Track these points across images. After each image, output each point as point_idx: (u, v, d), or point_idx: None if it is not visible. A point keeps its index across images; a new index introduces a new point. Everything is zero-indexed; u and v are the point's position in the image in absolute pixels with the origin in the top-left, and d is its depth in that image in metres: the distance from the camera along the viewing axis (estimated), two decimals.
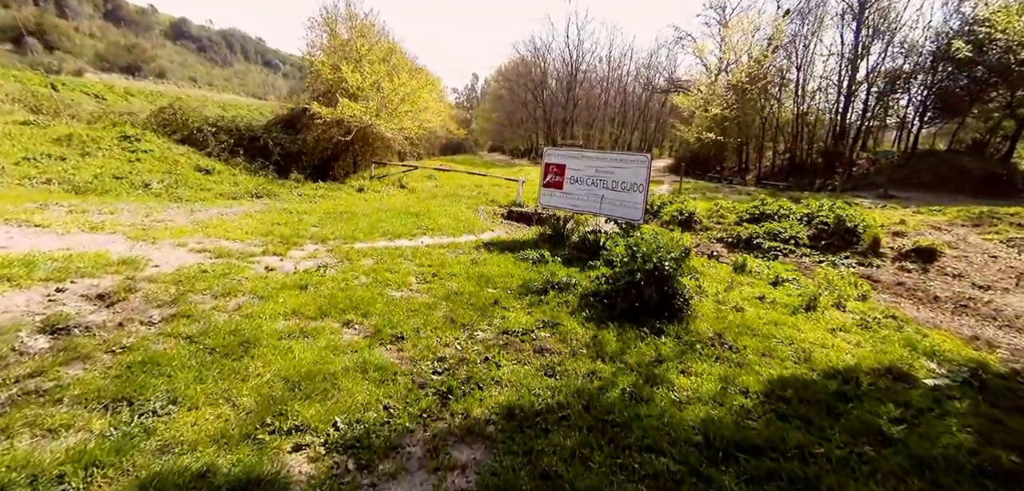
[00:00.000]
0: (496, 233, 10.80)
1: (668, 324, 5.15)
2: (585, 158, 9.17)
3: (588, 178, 9.04)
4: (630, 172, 8.42)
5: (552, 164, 9.65)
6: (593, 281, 6.18)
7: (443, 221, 11.15)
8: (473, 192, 18.32)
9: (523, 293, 6.07)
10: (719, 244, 12.63)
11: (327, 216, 10.66)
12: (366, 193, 15.57)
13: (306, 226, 9.40)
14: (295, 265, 6.64)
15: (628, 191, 8.44)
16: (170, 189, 11.48)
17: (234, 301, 4.97)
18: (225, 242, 7.46)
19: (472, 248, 8.71)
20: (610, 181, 8.70)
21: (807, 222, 12.74)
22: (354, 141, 19.29)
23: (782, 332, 5.40)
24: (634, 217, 8.34)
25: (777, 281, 7.75)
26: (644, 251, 5.44)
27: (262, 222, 9.25)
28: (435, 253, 8.09)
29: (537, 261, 7.57)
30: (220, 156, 15.76)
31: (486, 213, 13.93)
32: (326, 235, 8.61)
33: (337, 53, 19.24)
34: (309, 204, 12.38)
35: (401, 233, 9.48)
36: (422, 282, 6.45)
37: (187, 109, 16.90)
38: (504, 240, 9.59)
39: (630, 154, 8.54)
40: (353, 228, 9.41)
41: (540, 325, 5.04)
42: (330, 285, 5.77)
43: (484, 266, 7.30)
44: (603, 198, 8.60)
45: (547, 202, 9.80)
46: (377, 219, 10.64)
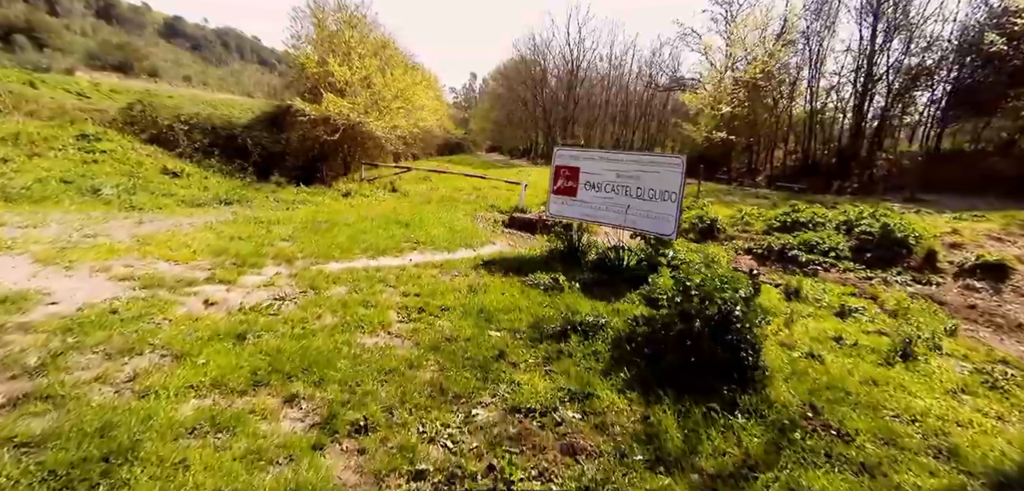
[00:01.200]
0: (497, 246, 9.37)
1: (739, 391, 3.73)
2: (604, 160, 7.74)
3: (607, 184, 7.62)
4: (660, 177, 6.99)
5: (564, 167, 8.23)
6: (628, 322, 4.75)
7: (436, 232, 9.71)
8: (471, 196, 16.89)
9: (536, 338, 4.64)
10: (747, 256, 11.23)
11: (303, 227, 9.21)
12: (353, 198, 14.11)
13: (274, 240, 7.96)
14: (243, 298, 5.20)
15: (658, 200, 7.01)
16: (125, 195, 10.03)
17: (133, 364, 3.53)
18: (163, 265, 6.01)
19: (470, 268, 7.28)
20: (635, 188, 7.28)
21: (846, 231, 11.34)
22: (343, 141, 17.83)
23: (890, 398, 3.99)
24: (665, 231, 6.92)
25: (844, 311, 6.33)
26: (703, 288, 4.02)
27: (221, 236, 7.81)
28: (425, 276, 6.65)
29: (550, 288, 6.13)
30: (192, 157, 14.31)
31: (485, 220, 12.50)
32: (294, 253, 7.16)
33: (324, 46, 17.79)
34: (285, 212, 10.93)
35: (386, 248, 8.04)
36: (405, 320, 5.02)
37: (158, 105, 15.42)
38: (508, 257, 8.16)
39: (660, 156, 7.12)
40: (329, 243, 7.96)
41: (564, 396, 3.61)
42: (281, 331, 4.33)
43: (484, 295, 5.87)
44: (629, 208, 7.17)
45: (557, 211, 8.38)
46: (360, 230, 9.20)
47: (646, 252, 7.11)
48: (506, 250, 8.93)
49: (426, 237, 9.17)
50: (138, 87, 57.17)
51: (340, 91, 16.45)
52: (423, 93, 23.57)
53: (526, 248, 9.48)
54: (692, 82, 38.85)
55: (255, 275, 6.02)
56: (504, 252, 8.54)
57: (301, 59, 17.12)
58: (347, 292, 5.66)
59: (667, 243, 7.00)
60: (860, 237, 10.86)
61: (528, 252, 8.46)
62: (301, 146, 16.85)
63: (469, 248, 8.91)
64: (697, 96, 30.19)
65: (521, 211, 13.98)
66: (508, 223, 12.81)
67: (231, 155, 15.24)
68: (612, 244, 7.43)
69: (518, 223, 12.72)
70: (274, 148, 16.63)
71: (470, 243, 9.22)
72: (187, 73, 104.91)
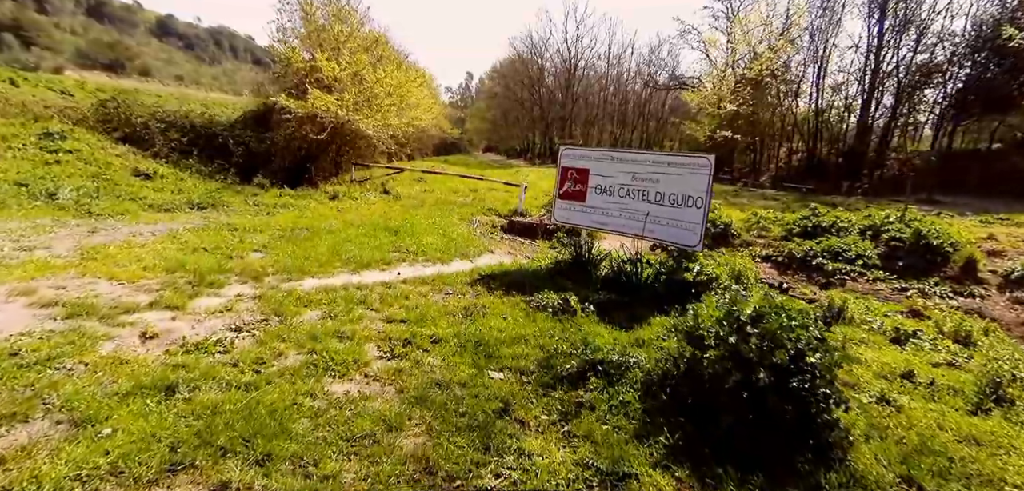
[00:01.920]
0: (496, 257, 8.47)
1: (820, 465, 2.84)
2: (617, 161, 6.85)
3: (621, 188, 6.73)
4: (683, 180, 6.11)
5: (571, 169, 7.33)
6: (661, 362, 3.86)
7: (429, 240, 8.80)
8: (467, 198, 15.98)
9: (547, 383, 3.75)
10: (766, 264, 10.39)
11: (280, 235, 8.29)
12: (341, 201, 13.17)
13: (245, 250, 7.04)
14: (190, 329, 4.28)
15: (680, 206, 6.13)
16: (84, 200, 9.06)
17: (8, 440, 2.61)
18: (103, 286, 5.08)
19: (466, 284, 6.37)
20: (652, 193, 6.39)
21: (872, 237, 10.51)
22: (332, 140, 16.86)
23: (1004, 465, 3.12)
24: (689, 242, 6.04)
25: (900, 336, 5.46)
26: (764, 325, 3.13)
27: (184, 247, 6.88)
28: (414, 295, 5.75)
29: (560, 312, 5.23)
30: (168, 157, 13.32)
31: (482, 225, 11.60)
32: (265, 267, 6.24)
33: (312, 40, 16.82)
34: (263, 217, 9.99)
35: (371, 260, 7.12)
36: (388, 355, 4.11)
37: (133, 103, 14.42)
38: (508, 270, 7.25)
39: (683, 156, 6.23)
40: (307, 254, 7.04)
41: (592, 477, 2.71)
42: (226, 379, 3.42)
43: (483, 321, 4.97)
44: (649, 215, 6.28)
45: (564, 217, 7.48)
46: (344, 239, 8.28)
47: (667, 265, 6.23)
48: (506, 261, 8.03)
49: (417, 246, 8.27)
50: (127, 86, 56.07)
51: (328, 88, 15.50)
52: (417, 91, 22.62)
53: (529, 258, 8.59)
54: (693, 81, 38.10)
55: (212, 297, 5.09)
56: (504, 264, 7.63)
57: (287, 54, 16.14)
58: (320, 319, 4.75)
59: (691, 255, 6.12)
60: (889, 244, 10.03)
61: (531, 265, 7.56)
62: (288, 146, 15.87)
63: (465, 259, 8.01)
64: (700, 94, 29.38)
65: (520, 215, 13.10)
66: (507, 228, 11.94)
67: (211, 155, 14.26)
68: (630, 258, 6.53)
69: (517, 228, 11.85)
70: (259, 148, 15.64)
71: (466, 252, 8.32)
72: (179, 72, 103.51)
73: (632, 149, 6.30)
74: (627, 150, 6.35)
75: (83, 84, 47.22)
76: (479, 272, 7.01)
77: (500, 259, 8.28)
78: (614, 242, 9.19)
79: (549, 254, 8.43)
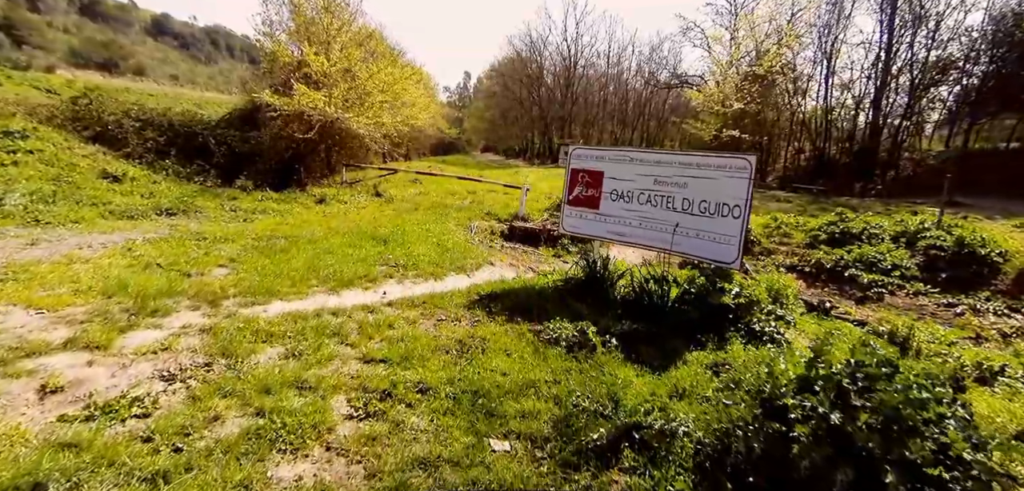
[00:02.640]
0: (497, 270, 7.53)
1: None
2: (637, 162, 5.92)
3: (642, 193, 5.81)
4: (717, 185, 5.19)
5: (582, 171, 6.41)
6: (718, 430, 2.92)
7: (421, 250, 7.87)
8: (465, 201, 15.04)
9: (570, 461, 2.81)
10: (791, 273, 9.48)
11: (253, 246, 7.35)
12: (328, 205, 12.23)
13: (208, 266, 6.10)
14: (111, 376, 3.35)
15: (713, 216, 5.21)
16: (35, 206, 8.11)
17: None
18: (16, 315, 4.13)
19: (462, 306, 5.44)
20: (679, 199, 5.47)
21: (907, 244, 9.61)
22: (322, 139, 15.91)
23: None
24: (725, 258, 5.12)
25: (985, 373, 4.54)
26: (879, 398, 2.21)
27: (136, 262, 5.94)
28: (400, 322, 4.82)
29: (576, 346, 4.30)
30: (143, 158, 12.34)
31: (481, 231, 10.67)
32: (226, 288, 5.30)
33: (300, 33, 15.87)
34: (239, 224, 9.05)
35: (353, 277, 6.18)
36: (358, 415, 3.18)
37: (107, 99, 13.43)
38: (512, 288, 6.31)
39: (716, 156, 5.31)
40: (279, 269, 6.11)
41: None
42: (125, 466, 2.48)
43: (482, 360, 4.04)
44: (678, 227, 5.36)
45: (574, 227, 6.55)
46: (325, 249, 7.35)
47: (697, 284, 5.30)
48: (508, 276, 7.10)
49: (408, 258, 7.33)
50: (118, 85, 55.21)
51: (316, 84, 14.54)
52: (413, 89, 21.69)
53: (533, 271, 7.67)
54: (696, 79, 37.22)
55: (150, 330, 4.15)
56: (506, 280, 6.69)
57: (273, 48, 15.16)
58: (279, 359, 3.82)
59: (727, 274, 5.19)
60: (928, 253, 9.13)
61: (537, 281, 6.62)
62: (274, 146, 14.90)
63: (462, 272, 7.08)
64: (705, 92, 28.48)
65: (522, 220, 12.17)
66: (507, 235, 11.01)
67: (191, 156, 13.28)
68: (654, 274, 5.61)
69: (519, 234, 10.92)
70: (243, 148, 14.66)
71: (463, 265, 7.39)
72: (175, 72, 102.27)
73: (655, 149, 5.45)
74: (649, 150, 5.41)
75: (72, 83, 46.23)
76: (478, 290, 6.08)
77: (501, 273, 7.35)
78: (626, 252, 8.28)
79: (558, 268, 7.53)
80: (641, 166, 5.89)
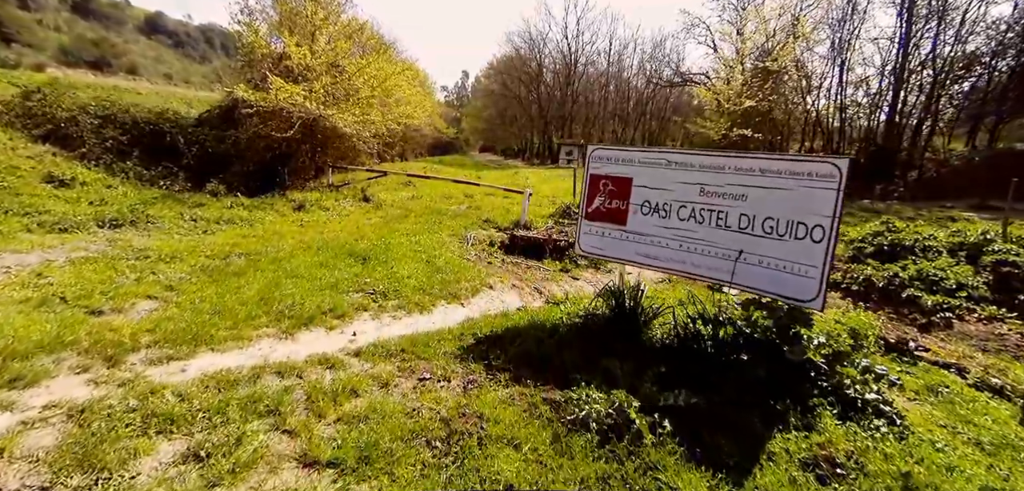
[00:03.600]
0: (498, 295, 6.23)
1: None
2: (677, 166, 4.62)
3: (682, 207, 4.53)
4: (791, 198, 3.91)
5: (604, 178, 5.12)
6: None
7: (407, 270, 6.57)
8: (461, 205, 13.76)
9: None
10: (835, 292, 8.21)
11: (201, 268, 6.06)
12: (307, 212, 10.93)
13: (130, 300, 4.81)
14: None
15: (784, 237, 3.94)
16: None
17: None
18: None
19: (453, 355, 4.15)
20: (735, 215, 4.19)
21: (969, 259, 8.35)
22: (305, 139, 14.59)
23: None
24: (801, 294, 3.83)
25: None
26: None
27: (33, 295, 4.64)
28: (367, 384, 3.53)
29: (613, 430, 3.02)
30: (100, 159, 11.02)
31: (478, 243, 9.37)
32: (137, 334, 4.00)
33: (283, 23, 14.55)
34: (197, 237, 7.76)
35: (316, 312, 4.88)
36: None
37: (62, 94, 12.09)
38: (517, 326, 5.00)
39: (792, 160, 4.02)
40: (223, 302, 4.82)
41: None
42: None
43: (479, 458, 2.75)
44: (743, 254, 4.07)
45: (594, 247, 5.25)
46: (289, 271, 6.05)
47: (760, 327, 4.02)
48: (512, 304, 5.82)
49: (390, 281, 6.04)
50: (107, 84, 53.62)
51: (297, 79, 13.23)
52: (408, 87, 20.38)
53: (542, 294, 6.39)
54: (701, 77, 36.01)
55: None
56: (510, 313, 5.39)
57: (250, 39, 13.82)
58: (172, 467, 2.53)
59: (803, 316, 3.90)
60: (998, 269, 7.86)
61: (548, 314, 5.33)
62: (252, 146, 13.59)
63: (454, 300, 5.78)
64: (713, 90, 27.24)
65: (524, 228, 10.89)
66: (508, 245, 9.71)
67: (156, 157, 11.96)
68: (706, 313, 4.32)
69: (521, 245, 9.63)
70: (218, 148, 13.33)
71: (456, 290, 6.09)
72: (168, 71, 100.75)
73: (701, 150, 4.39)
74: (693, 151, 4.04)
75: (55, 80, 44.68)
76: (474, 329, 4.78)
77: (502, 299, 6.06)
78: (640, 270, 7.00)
79: (569, 290, 6.24)
80: (682, 171, 4.60)
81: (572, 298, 5.95)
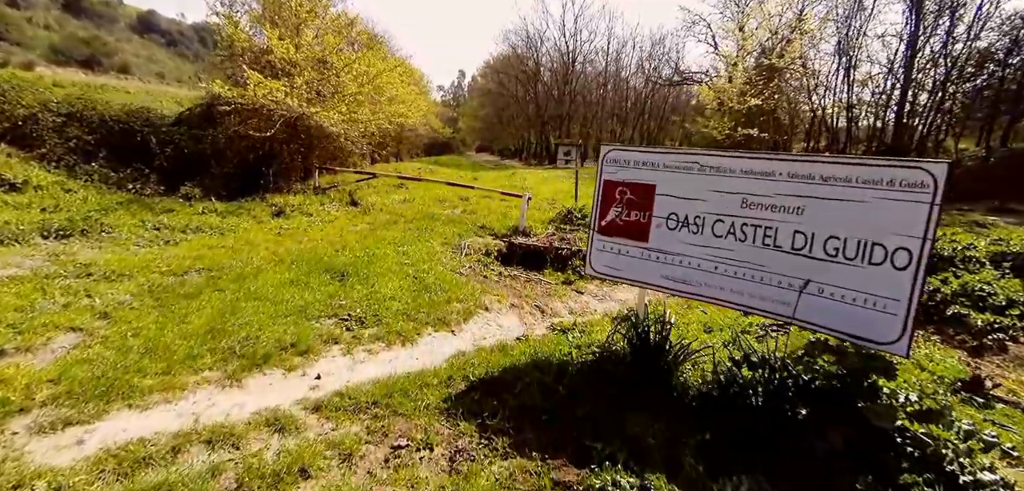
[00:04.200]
0: (494, 318, 5.39)
1: None
2: (712, 172, 3.79)
3: (719, 220, 3.70)
4: (863, 212, 3.10)
5: (622, 184, 4.28)
6: None
7: (391, 288, 5.73)
8: (456, 209, 12.90)
9: None
10: None
11: (150, 288, 5.20)
12: (287, 218, 10.05)
13: (48, 334, 3.95)
14: None
15: (855, 262, 3.12)
16: None
17: None
18: None
19: (437, 413, 3.30)
20: (788, 232, 3.37)
21: (1015, 272, 7.56)
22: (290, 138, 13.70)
23: None
24: (878, 335, 3.00)
25: None
26: None
27: None
28: (319, 465, 2.68)
29: None
30: (62, 160, 10.12)
31: (473, 252, 8.53)
32: (36, 384, 3.14)
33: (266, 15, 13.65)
34: (156, 249, 6.90)
35: (274, 346, 4.03)
36: None
37: (23, 90, 11.16)
38: (517, 361, 4.15)
39: (869, 165, 3.18)
40: (160, 336, 3.96)
41: None
42: None
43: None
44: (809, 286, 3.23)
45: (609, 268, 4.40)
46: (251, 291, 5.20)
47: (821, 373, 3.19)
48: (510, 331, 4.98)
49: (370, 303, 5.19)
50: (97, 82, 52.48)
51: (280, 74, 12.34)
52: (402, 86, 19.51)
53: (543, 315, 5.55)
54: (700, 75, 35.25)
55: None
56: (509, 347, 4.54)
57: (230, 32, 12.91)
58: None
59: (883, 362, 3.07)
60: None
61: (556, 349, 4.47)
62: (231, 146, 12.70)
63: (444, 327, 4.94)
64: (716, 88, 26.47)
65: (523, 234, 10.05)
66: (506, 255, 8.89)
67: (126, 158, 11.05)
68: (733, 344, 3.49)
69: (520, 254, 8.81)
70: (194, 149, 12.43)
71: (446, 314, 5.24)
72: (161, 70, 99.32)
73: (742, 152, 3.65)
74: (733, 153, 3.15)
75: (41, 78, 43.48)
76: (466, 368, 3.93)
77: (500, 322, 5.23)
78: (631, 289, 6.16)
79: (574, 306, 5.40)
80: (719, 178, 3.77)
81: (580, 324, 5.11)
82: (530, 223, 10.74)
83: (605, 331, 4.92)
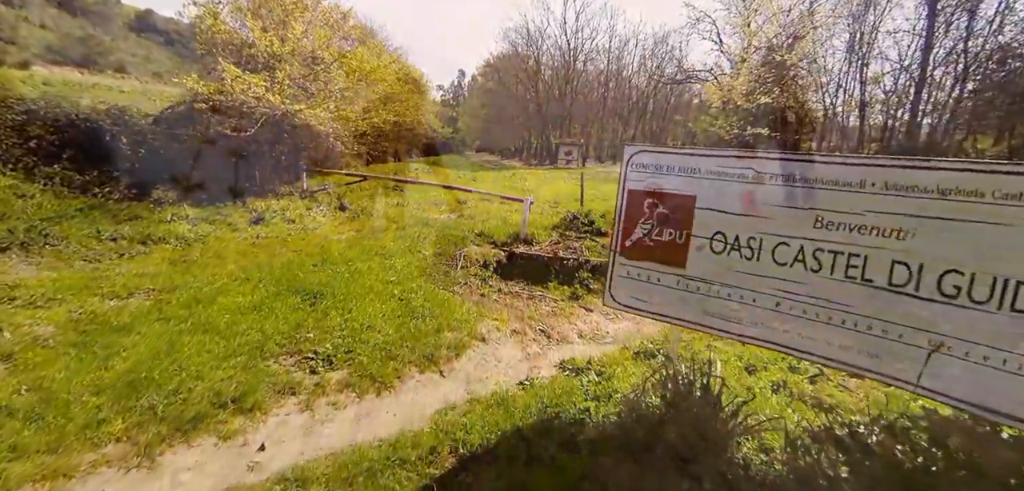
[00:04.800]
0: (491, 351, 4.50)
1: None
2: (773, 180, 2.92)
3: (783, 241, 2.83)
4: (1002, 237, 2.23)
5: (652, 193, 3.40)
6: None
7: (370, 313, 4.85)
8: (453, 213, 12.02)
9: None
10: None
11: (82, 317, 4.33)
12: (267, 225, 9.18)
13: None
14: None
15: (986, 307, 2.24)
16: None
17: None
18: None
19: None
20: (884, 262, 2.50)
21: None
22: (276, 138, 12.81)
23: None
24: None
25: None
26: None
27: None
28: None
29: None
30: (20, 162, 9.24)
31: (470, 264, 7.65)
32: None
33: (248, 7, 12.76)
34: (105, 265, 6.03)
35: (208, 406, 3.15)
36: None
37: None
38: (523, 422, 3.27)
39: (1000, 168, 2.28)
40: (68, 389, 3.09)
41: None
42: None
43: None
44: (941, 348, 2.36)
45: (635, 299, 3.51)
46: (203, 320, 4.32)
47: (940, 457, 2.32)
48: (512, 373, 4.10)
49: (343, 334, 4.32)
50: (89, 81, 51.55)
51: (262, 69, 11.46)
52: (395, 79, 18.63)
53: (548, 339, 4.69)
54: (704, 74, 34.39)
55: None
56: (510, 399, 3.65)
57: (209, 24, 12.01)
58: None
59: None
60: None
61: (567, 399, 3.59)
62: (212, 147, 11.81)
63: (432, 366, 4.06)
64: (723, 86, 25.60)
65: (525, 242, 9.17)
66: (506, 267, 8.01)
67: (93, 160, 10.18)
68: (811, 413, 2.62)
69: (521, 265, 7.94)
70: (169, 150, 11.55)
71: (434, 347, 4.34)
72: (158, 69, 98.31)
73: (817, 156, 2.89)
74: (802, 157, 2.18)
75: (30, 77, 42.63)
76: (454, 433, 3.05)
77: (499, 357, 4.35)
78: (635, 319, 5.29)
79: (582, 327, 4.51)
80: (781, 188, 2.89)
81: (595, 363, 4.22)
82: (532, 230, 9.84)
83: (626, 371, 4.05)
